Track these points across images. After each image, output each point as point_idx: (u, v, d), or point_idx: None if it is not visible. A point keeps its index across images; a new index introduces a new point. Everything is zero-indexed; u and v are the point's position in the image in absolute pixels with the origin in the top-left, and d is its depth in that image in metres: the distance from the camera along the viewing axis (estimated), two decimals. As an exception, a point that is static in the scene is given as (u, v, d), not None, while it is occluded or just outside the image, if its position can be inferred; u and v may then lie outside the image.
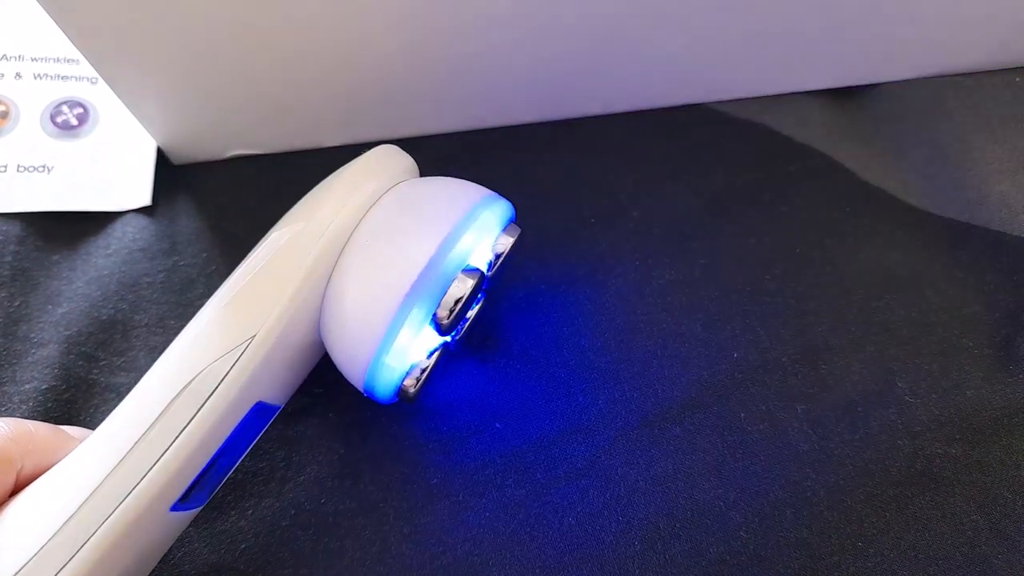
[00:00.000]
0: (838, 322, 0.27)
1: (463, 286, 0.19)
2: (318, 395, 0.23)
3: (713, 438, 0.25)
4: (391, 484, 0.24)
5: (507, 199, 0.22)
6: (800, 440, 0.25)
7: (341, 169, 0.21)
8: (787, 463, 0.25)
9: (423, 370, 0.21)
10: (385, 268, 0.19)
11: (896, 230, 0.29)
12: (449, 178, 0.22)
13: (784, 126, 0.31)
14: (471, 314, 0.23)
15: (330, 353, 0.21)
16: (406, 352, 0.20)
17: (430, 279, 0.19)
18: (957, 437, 0.26)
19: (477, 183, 0.29)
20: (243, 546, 0.22)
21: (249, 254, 0.20)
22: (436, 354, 0.21)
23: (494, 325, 0.26)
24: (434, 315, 0.20)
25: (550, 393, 0.25)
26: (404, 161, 0.22)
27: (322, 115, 0.28)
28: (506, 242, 0.21)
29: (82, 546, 0.16)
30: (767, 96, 0.32)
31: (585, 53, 0.28)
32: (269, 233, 0.21)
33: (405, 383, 0.21)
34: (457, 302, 0.19)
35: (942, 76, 0.33)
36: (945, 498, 0.25)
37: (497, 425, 0.25)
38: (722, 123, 0.31)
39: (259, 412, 0.20)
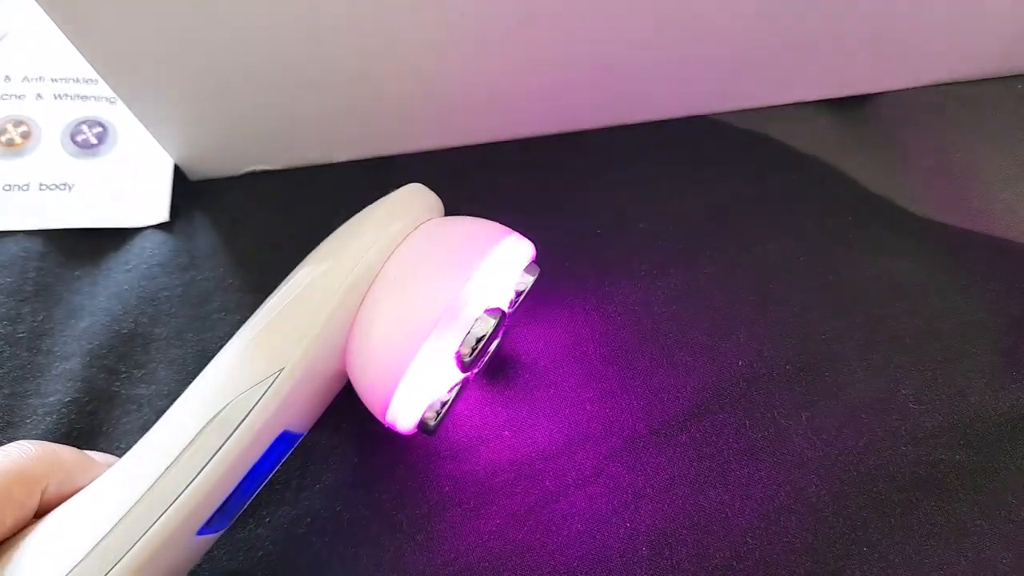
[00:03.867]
0: (842, 330, 0.28)
1: (485, 325, 0.20)
2: (332, 406, 0.24)
3: (719, 445, 0.25)
4: (404, 492, 0.24)
5: (527, 238, 0.23)
6: (805, 447, 0.25)
7: (369, 208, 0.22)
8: (792, 469, 0.25)
9: (443, 403, 0.21)
10: (410, 307, 0.19)
11: (900, 238, 0.30)
12: (472, 218, 0.22)
13: (788, 136, 0.32)
14: (491, 349, 0.23)
15: (354, 385, 0.21)
16: (428, 387, 0.21)
17: (453, 319, 0.19)
18: (961, 443, 0.26)
19: (486, 195, 0.30)
20: (260, 553, 0.23)
21: (277, 288, 0.21)
22: (456, 388, 0.22)
23: (503, 336, 0.27)
24: (457, 352, 0.20)
25: (558, 402, 0.26)
26: (429, 200, 0.23)
27: (334, 132, 0.29)
28: (526, 281, 0.22)
29: (111, 568, 0.17)
30: (771, 106, 0.32)
31: (591, 68, 0.28)
32: (297, 269, 0.21)
33: (425, 415, 0.21)
34: (479, 340, 0.20)
35: (945, 85, 0.33)
36: (950, 504, 0.25)
37: (506, 434, 0.25)
38: (727, 134, 0.32)
39: (283, 440, 0.20)
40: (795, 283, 0.28)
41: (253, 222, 0.28)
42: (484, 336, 0.20)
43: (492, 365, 0.26)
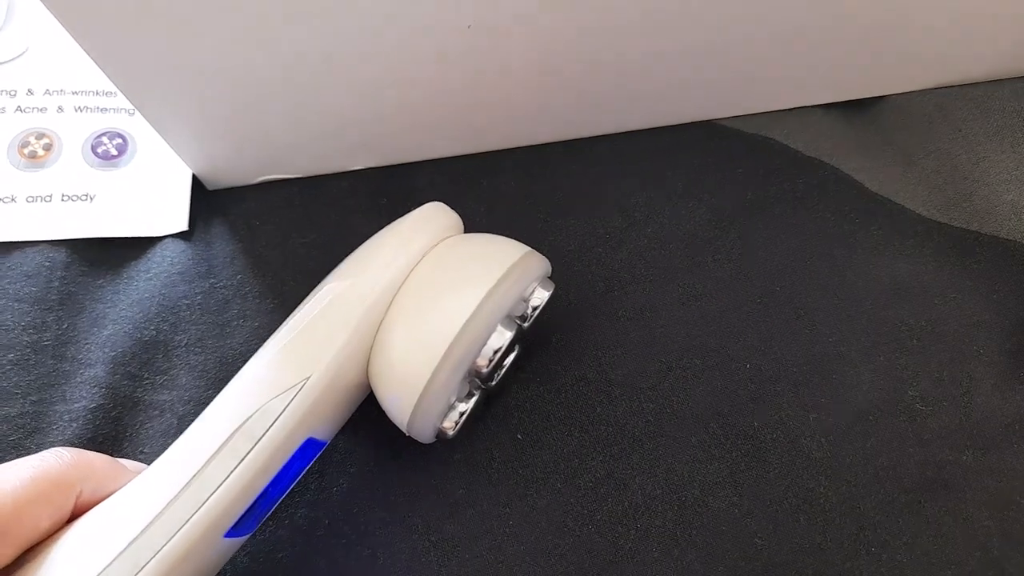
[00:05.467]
0: (848, 332, 0.28)
1: (501, 338, 0.21)
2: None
3: (727, 447, 0.26)
4: (419, 495, 0.25)
5: (542, 251, 0.24)
6: (813, 448, 0.26)
7: (391, 225, 0.23)
8: (800, 471, 0.25)
9: (462, 414, 0.22)
10: (430, 322, 0.20)
11: (905, 240, 0.30)
12: (490, 235, 0.23)
13: (793, 140, 0.32)
14: (508, 361, 0.24)
15: (376, 395, 0.22)
16: (447, 397, 0.21)
17: (471, 332, 0.20)
18: (968, 444, 0.26)
19: (497, 201, 0.30)
20: (280, 555, 0.24)
21: (301, 304, 0.22)
22: (475, 399, 0.22)
23: (520, 348, 0.27)
24: (475, 365, 0.21)
25: (569, 406, 0.26)
26: (450, 218, 0.23)
27: (348, 140, 0.29)
28: (542, 296, 0.23)
29: (141, 569, 0.18)
30: (776, 111, 0.33)
31: (597, 74, 0.29)
32: (321, 285, 0.22)
33: (444, 425, 0.22)
34: (496, 352, 0.21)
35: (950, 87, 0.34)
36: (957, 504, 0.25)
37: (519, 437, 0.26)
38: (732, 138, 0.32)
39: (308, 447, 0.21)
40: (800, 286, 0.29)
41: (270, 229, 0.29)
42: (500, 349, 0.21)
43: (508, 375, 0.26)
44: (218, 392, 0.21)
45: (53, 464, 0.18)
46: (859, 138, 0.32)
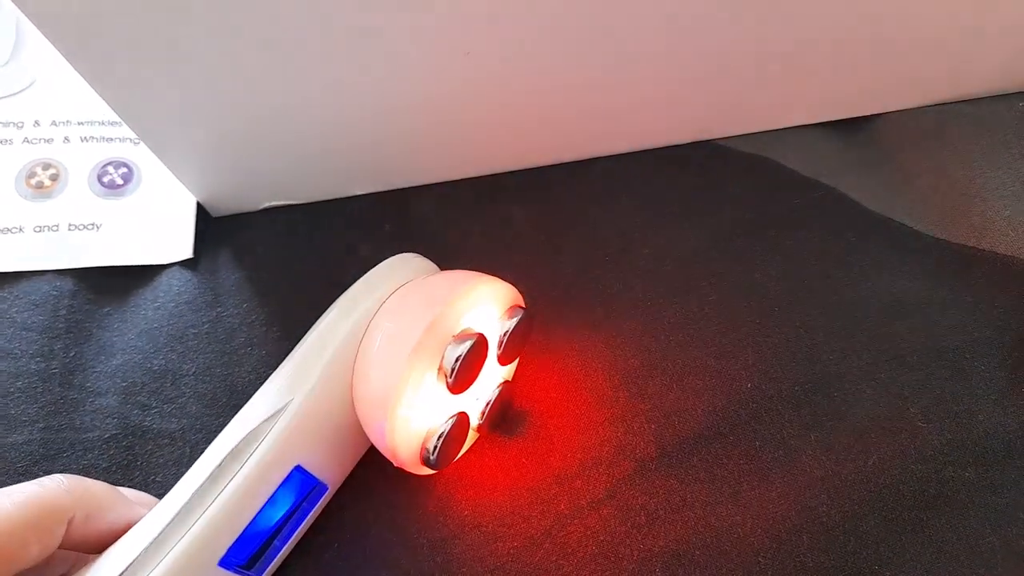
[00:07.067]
0: (848, 350, 0.28)
1: (461, 347, 0.21)
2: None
3: (729, 466, 0.26)
4: (425, 517, 0.25)
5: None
6: (814, 467, 0.26)
7: (369, 271, 0.25)
8: (802, 489, 0.26)
9: (440, 435, 0.22)
10: (392, 341, 0.22)
11: (903, 257, 0.30)
12: (456, 270, 0.24)
13: (789, 159, 0.32)
14: (492, 396, 0.25)
15: (363, 426, 0.23)
16: (421, 416, 0.22)
17: (430, 343, 0.21)
18: (970, 460, 0.26)
19: (496, 224, 0.31)
20: (288, 579, 0.24)
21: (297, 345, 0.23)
22: (453, 419, 0.23)
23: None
24: (441, 373, 0.22)
25: (571, 429, 0.26)
26: (423, 263, 0.25)
27: (350, 167, 0.30)
28: (509, 323, 0.24)
29: None
30: (773, 130, 0.33)
31: (594, 97, 0.29)
32: (310, 331, 0.24)
33: (424, 446, 0.23)
34: (458, 360, 0.21)
35: (944, 104, 0.34)
36: (960, 520, 0.25)
37: (523, 460, 0.26)
38: (729, 158, 0.32)
39: (305, 484, 0.22)
40: (799, 305, 0.29)
41: (274, 256, 0.29)
42: (460, 356, 0.21)
43: (505, 404, 0.27)
44: (227, 420, 0.22)
45: (48, 488, 0.19)
46: (856, 156, 0.32)
